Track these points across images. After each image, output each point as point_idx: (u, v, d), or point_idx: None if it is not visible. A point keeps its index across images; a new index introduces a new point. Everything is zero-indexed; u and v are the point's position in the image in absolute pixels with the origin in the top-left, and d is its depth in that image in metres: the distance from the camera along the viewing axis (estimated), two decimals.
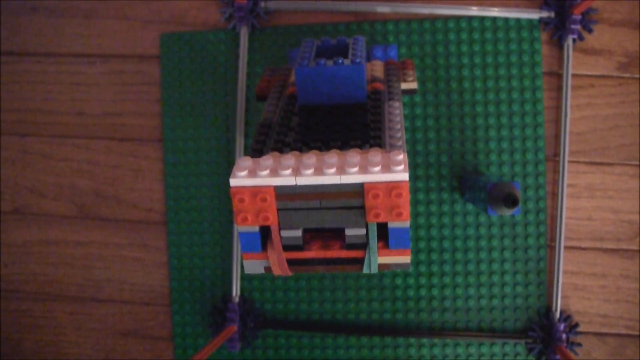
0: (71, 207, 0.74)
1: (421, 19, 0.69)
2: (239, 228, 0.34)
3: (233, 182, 0.32)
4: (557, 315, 0.68)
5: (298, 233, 0.34)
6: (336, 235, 0.35)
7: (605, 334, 0.70)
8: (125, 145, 0.73)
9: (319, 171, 0.32)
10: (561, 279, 0.68)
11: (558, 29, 0.67)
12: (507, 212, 0.56)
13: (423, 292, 0.70)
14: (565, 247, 0.69)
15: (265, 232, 0.35)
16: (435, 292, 0.70)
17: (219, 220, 0.72)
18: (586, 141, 0.69)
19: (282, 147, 0.38)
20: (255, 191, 0.32)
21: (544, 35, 0.68)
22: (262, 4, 0.69)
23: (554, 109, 0.69)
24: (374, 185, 0.31)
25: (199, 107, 0.72)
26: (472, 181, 0.67)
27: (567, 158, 0.67)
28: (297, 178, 0.32)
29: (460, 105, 0.69)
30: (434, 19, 0.69)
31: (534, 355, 0.69)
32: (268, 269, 0.35)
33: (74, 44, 0.73)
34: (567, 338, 0.68)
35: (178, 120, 0.72)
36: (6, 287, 0.76)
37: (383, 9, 0.68)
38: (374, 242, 0.34)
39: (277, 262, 0.35)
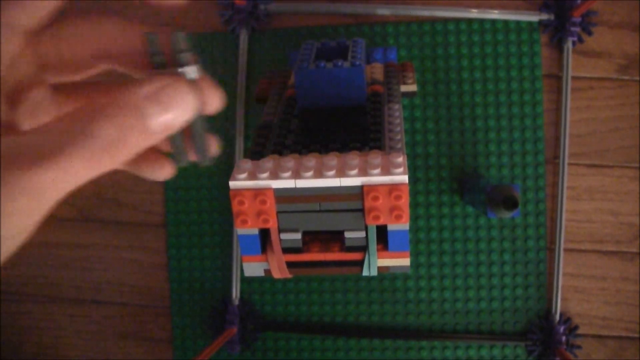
0: (72, 209, 0.74)
1: (421, 21, 0.69)
2: (238, 230, 0.34)
3: (232, 184, 0.32)
4: (557, 317, 0.68)
5: (298, 235, 0.34)
6: (336, 236, 0.35)
7: (605, 337, 0.70)
8: None
9: (318, 173, 0.32)
10: (561, 281, 0.68)
11: (557, 31, 0.67)
12: (506, 215, 0.56)
13: (423, 294, 0.70)
14: (565, 250, 0.69)
15: (264, 235, 0.35)
16: (435, 294, 0.70)
17: (218, 223, 0.72)
18: (586, 143, 0.68)
19: (281, 150, 0.38)
20: (255, 193, 0.32)
21: (543, 38, 0.68)
22: (262, 7, 0.69)
23: (554, 112, 0.69)
24: (374, 187, 0.31)
25: None
26: (471, 183, 0.67)
27: (566, 160, 0.67)
28: (297, 180, 0.32)
29: (460, 108, 0.69)
30: (433, 21, 0.69)
31: (534, 357, 0.69)
32: (268, 272, 0.35)
33: None
34: (567, 340, 0.68)
35: None
36: (6, 289, 0.76)
37: (383, 11, 0.68)
38: (373, 244, 0.34)
39: (276, 264, 0.35)
